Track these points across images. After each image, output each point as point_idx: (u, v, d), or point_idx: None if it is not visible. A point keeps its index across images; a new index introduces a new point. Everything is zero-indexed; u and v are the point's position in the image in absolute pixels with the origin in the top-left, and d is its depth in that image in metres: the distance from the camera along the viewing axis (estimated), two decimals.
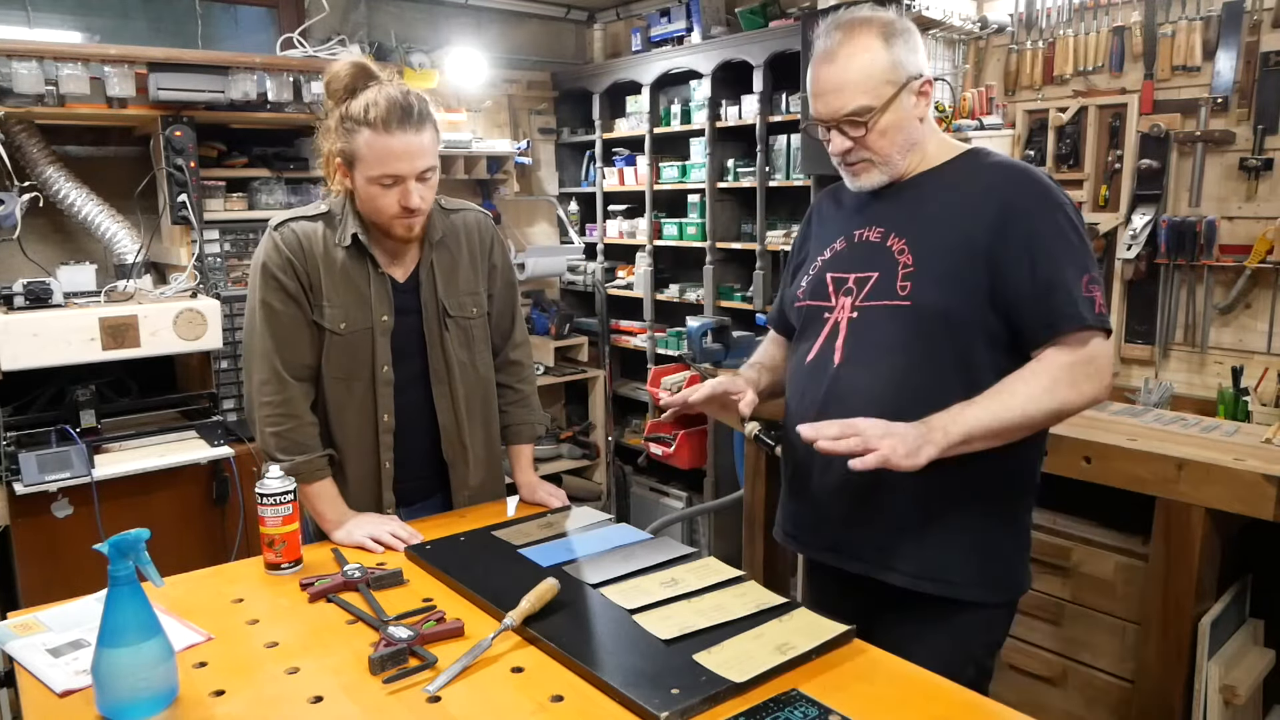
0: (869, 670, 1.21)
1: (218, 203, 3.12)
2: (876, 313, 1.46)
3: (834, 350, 1.49)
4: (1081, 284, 1.36)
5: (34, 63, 2.72)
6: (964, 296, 1.40)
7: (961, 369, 1.41)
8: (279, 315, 1.72)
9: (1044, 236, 1.38)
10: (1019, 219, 1.39)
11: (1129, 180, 2.88)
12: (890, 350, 1.44)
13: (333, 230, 1.76)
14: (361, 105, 1.63)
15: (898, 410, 1.36)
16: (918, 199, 1.49)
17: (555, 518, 1.79)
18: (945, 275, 1.41)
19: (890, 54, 1.43)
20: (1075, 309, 1.35)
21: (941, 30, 3.18)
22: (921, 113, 1.48)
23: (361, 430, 1.79)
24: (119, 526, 1.18)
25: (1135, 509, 2.09)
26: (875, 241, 1.51)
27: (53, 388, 2.77)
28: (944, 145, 1.54)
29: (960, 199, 1.45)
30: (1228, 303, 2.74)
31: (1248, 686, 2.02)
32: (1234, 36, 2.65)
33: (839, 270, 1.54)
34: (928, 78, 1.48)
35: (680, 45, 4.07)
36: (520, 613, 1.30)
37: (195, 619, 1.38)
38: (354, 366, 1.77)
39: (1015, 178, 1.44)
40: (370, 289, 1.76)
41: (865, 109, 1.43)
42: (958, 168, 1.50)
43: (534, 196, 4.71)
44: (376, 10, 4.05)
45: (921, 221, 1.47)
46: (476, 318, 1.88)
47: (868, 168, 1.50)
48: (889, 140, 1.46)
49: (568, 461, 4.52)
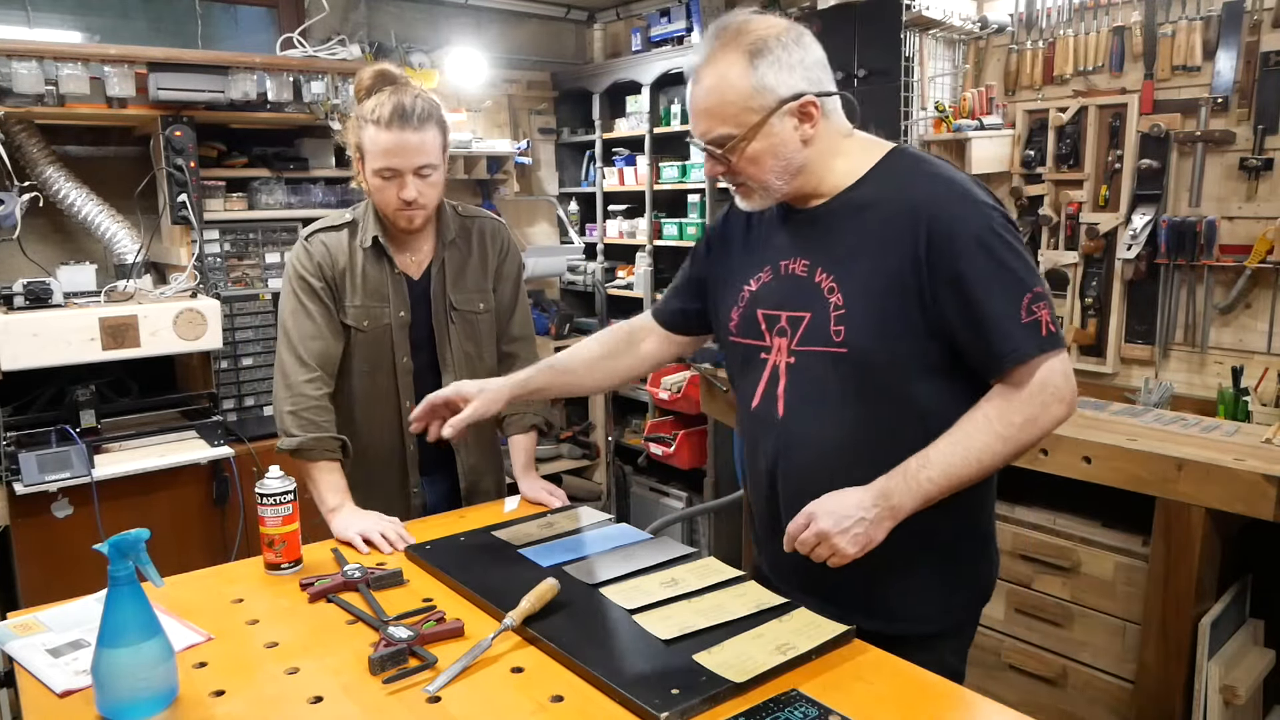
0: (869, 670, 1.21)
1: (218, 203, 3.12)
2: (814, 360, 1.38)
3: (776, 399, 1.43)
4: (1021, 310, 1.27)
5: (34, 63, 2.72)
6: (899, 336, 1.32)
7: (909, 410, 1.35)
8: (307, 311, 1.87)
9: (971, 266, 1.28)
10: (942, 246, 1.29)
11: (1129, 180, 2.89)
12: (833, 402, 1.37)
13: (354, 237, 1.92)
14: (371, 104, 1.79)
15: (848, 464, 1.34)
16: (837, 224, 1.39)
17: (555, 518, 1.79)
18: (878, 318, 1.33)
19: (754, 77, 1.30)
20: (1015, 347, 1.27)
21: (941, 30, 3.18)
22: (807, 135, 1.35)
23: (386, 417, 1.95)
24: (119, 526, 1.18)
25: (1135, 509, 2.09)
26: (802, 276, 1.41)
27: (53, 388, 2.76)
28: (858, 158, 1.41)
29: (883, 224, 1.34)
30: (1228, 303, 2.74)
31: (1248, 686, 2.03)
32: (1234, 36, 2.65)
33: (769, 307, 1.45)
34: (809, 97, 1.33)
35: (680, 45, 4.07)
36: (520, 613, 1.30)
37: (195, 619, 1.38)
38: (377, 359, 1.93)
39: (935, 193, 1.33)
40: (389, 288, 1.92)
41: (726, 137, 1.34)
42: (878, 180, 1.39)
43: (534, 196, 4.71)
44: (376, 10, 4.04)
45: (845, 255, 1.37)
46: (483, 313, 2.01)
47: (747, 192, 1.41)
48: (761, 168, 1.36)
49: (568, 461, 4.52)
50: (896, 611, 1.42)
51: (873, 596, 1.41)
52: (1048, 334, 1.29)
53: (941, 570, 1.44)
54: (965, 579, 1.48)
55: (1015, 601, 2.36)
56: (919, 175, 1.37)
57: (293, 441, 1.79)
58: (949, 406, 1.33)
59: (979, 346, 1.30)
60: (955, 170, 1.40)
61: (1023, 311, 1.28)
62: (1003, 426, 1.29)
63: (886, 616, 1.41)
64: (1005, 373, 1.30)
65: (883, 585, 1.41)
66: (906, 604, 1.43)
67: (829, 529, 1.28)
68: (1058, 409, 1.30)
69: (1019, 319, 1.27)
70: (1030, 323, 1.28)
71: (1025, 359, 1.28)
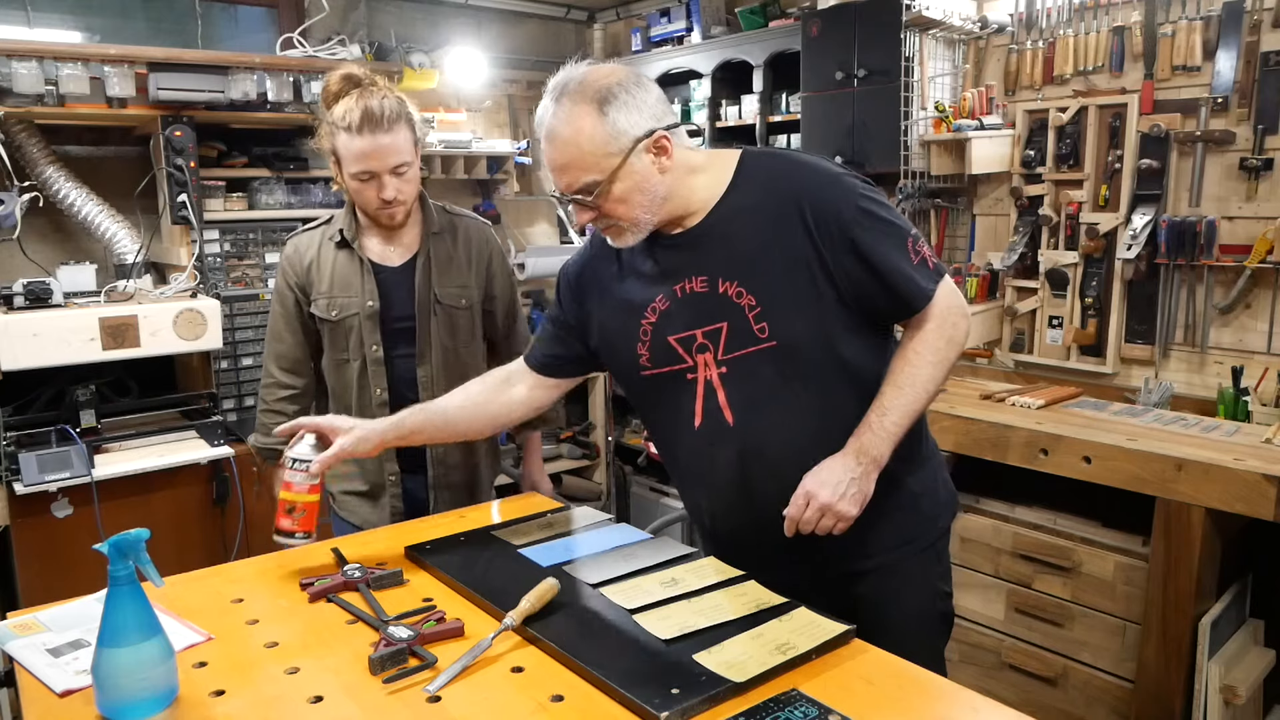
0: (869, 670, 1.21)
1: (218, 203, 3.12)
2: (745, 361, 1.44)
3: (721, 410, 1.46)
4: (909, 256, 1.42)
5: (34, 63, 2.72)
6: (816, 313, 1.42)
7: (850, 377, 1.46)
8: (278, 315, 2.05)
9: (861, 232, 1.40)
10: (829, 221, 1.40)
11: (1129, 180, 2.88)
12: (778, 393, 1.44)
13: (328, 232, 2.02)
14: (340, 111, 1.84)
15: (816, 445, 1.43)
16: (723, 234, 1.45)
17: (555, 518, 1.79)
18: (794, 302, 1.41)
19: (607, 125, 1.37)
20: (918, 287, 1.42)
21: (941, 30, 3.18)
22: (664, 166, 1.42)
23: (361, 406, 1.98)
24: (119, 526, 1.18)
25: (1135, 509, 2.09)
26: (704, 291, 1.45)
27: (53, 388, 2.77)
28: (715, 174, 1.47)
29: (763, 220, 1.43)
30: (1228, 303, 2.74)
31: (1248, 686, 2.03)
32: (1234, 36, 2.65)
33: (679, 330, 1.47)
34: (660, 132, 1.40)
35: (680, 45, 4.07)
36: (520, 613, 1.30)
37: (195, 619, 1.38)
38: (349, 348, 1.99)
39: (803, 179, 1.44)
40: (358, 278, 1.97)
41: (592, 184, 1.39)
42: (743, 186, 1.46)
43: (534, 196, 4.70)
44: (376, 10, 4.05)
45: (741, 257, 1.43)
46: (463, 308, 2.04)
47: (618, 231, 1.46)
48: (629, 205, 1.41)
49: (568, 461, 4.52)
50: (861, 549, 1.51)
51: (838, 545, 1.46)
52: (934, 266, 1.46)
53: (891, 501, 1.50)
54: (915, 503, 1.57)
55: (1015, 601, 2.36)
56: (782, 169, 1.48)
57: (256, 441, 2.08)
58: (872, 358, 1.47)
59: (889, 299, 1.43)
60: (805, 155, 1.55)
61: (910, 254, 1.43)
62: (932, 354, 1.44)
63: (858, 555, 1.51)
64: (916, 313, 1.45)
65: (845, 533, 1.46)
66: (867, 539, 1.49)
67: (829, 499, 1.38)
68: (963, 322, 1.47)
69: (911, 262, 1.42)
70: (919, 262, 1.43)
71: (929, 295, 1.44)
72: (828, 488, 1.38)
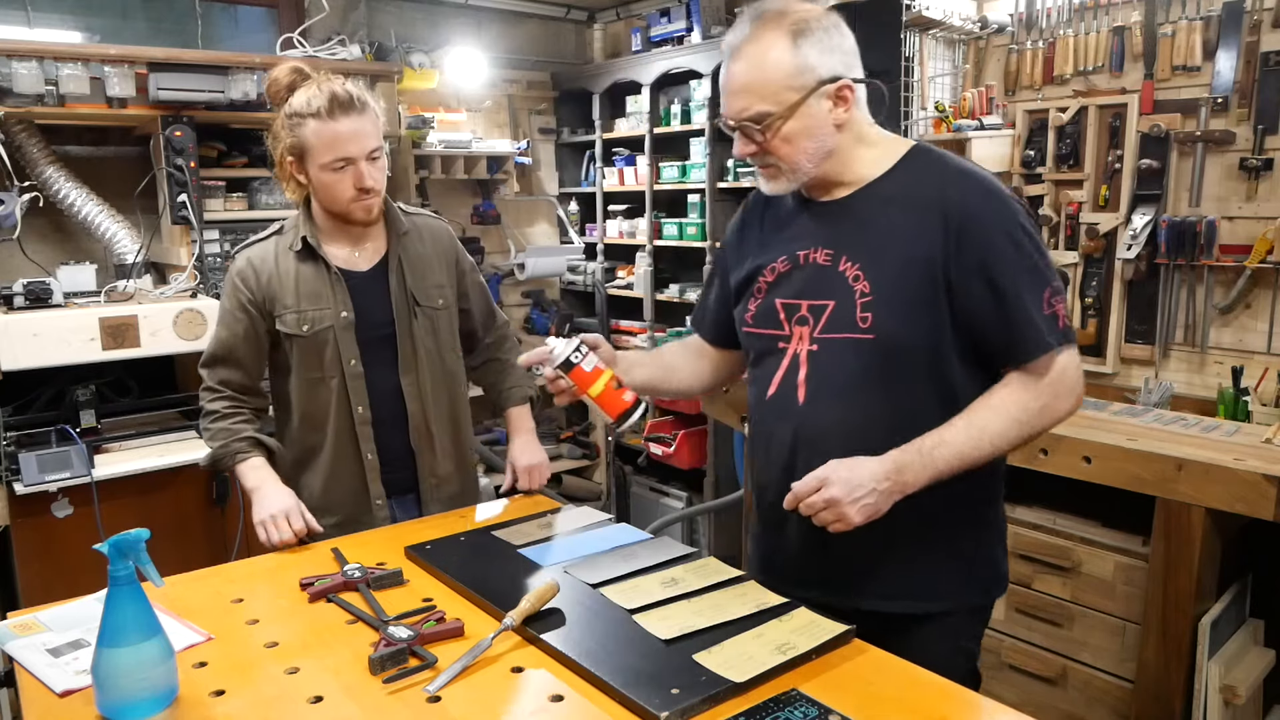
0: (869, 670, 1.21)
1: (218, 203, 3.12)
2: (837, 346, 1.39)
3: (796, 387, 1.43)
4: (1043, 303, 1.33)
5: (34, 63, 2.72)
6: (927, 323, 1.36)
7: (933, 396, 1.38)
8: (219, 334, 1.86)
9: (999, 258, 1.33)
10: (972, 237, 1.33)
11: (1129, 180, 2.89)
12: (857, 387, 1.39)
13: (285, 241, 1.86)
14: (304, 99, 1.74)
15: (871, 449, 1.34)
16: (864, 215, 1.41)
17: (555, 518, 1.79)
18: (906, 303, 1.36)
19: (797, 56, 1.32)
20: (1039, 335, 1.33)
21: (941, 30, 3.18)
22: (840, 119, 1.37)
23: (340, 426, 1.85)
24: (119, 526, 1.18)
25: (1135, 509, 2.09)
26: (825, 265, 1.42)
27: (53, 388, 2.76)
28: (884, 151, 1.43)
29: (909, 215, 1.37)
30: (1228, 303, 2.74)
31: (1248, 686, 2.02)
32: (1234, 36, 2.65)
33: (789, 296, 1.45)
34: (846, 81, 1.36)
35: (680, 45, 4.07)
36: (520, 613, 1.30)
37: (195, 619, 1.38)
38: (324, 365, 1.84)
39: (964, 188, 1.36)
40: (327, 288, 1.83)
41: (764, 114, 1.34)
42: (902, 175, 1.41)
43: (534, 196, 4.70)
44: (376, 10, 4.05)
45: (872, 243, 1.39)
46: (442, 309, 1.94)
47: (774, 173, 1.41)
48: (794, 148, 1.37)
49: (568, 461, 4.52)
50: (893, 590, 1.44)
51: (869, 577, 1.43)
52: (1064, 327, 1.34)
53: (940, 553, 1.45)
54: (967, 565, 1.48)
55: (1015, 601, 2.36)
56: (945, 172, 1.40)
57: (205, 457, 1.84)
58: (966, 391, 1.37)
59: (1002, 334, 1.34)
60: (978, 167, 1.43)
61: (1044, 304, 1.33)
62: (1019, 411, 1.33)
63: (882, 595, 1.44)
64: (1025, 361, 1.34)
65: (879, 564, 1.43)
66: (902, 582, 1.44)
67: (840, 496, 1.29)
68: (1069, 400, 1.36)
69: (1041, 310, 1.33)
70: (1050, 315, 1.33)
71: (1046, 349, 1.33)
72: (844, 485, 1.30)
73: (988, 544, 1.51)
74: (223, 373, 1.85)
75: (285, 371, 1.87)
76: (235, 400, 1.85)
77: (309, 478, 1.87)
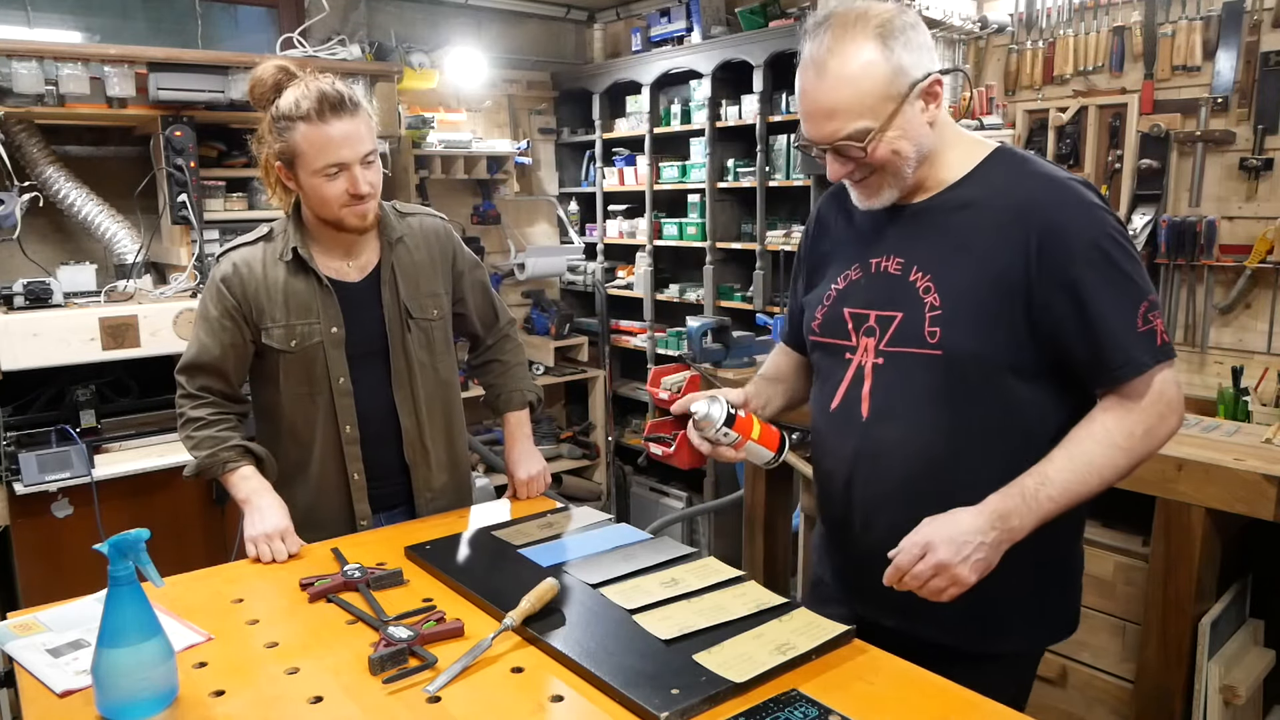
0: (869, 670, 1.21)
1: (218, 203, 3.12)
2: (904, 361, 1.32)
3: (860, 400, 1.36)
4: (1138, 319, 1.23)
5: (34, 63, 2.72)
6: (999, 339, 1.26)
7: (998, 415, 1.29)
8: (201, 340, 1.75)
9: (1085, 271, 1.22)
10: (1057, 250, 1.23)
11: (1129, 180, 2.88)
12: (923, 404, 1.31)
13: (271, 250, 1.76)
14: (291, 101, 1.63)
15: (933, 477, 1.29)
16: (940, 224, 1.32)
17: (555, 518, 1.79)
18: (978, 319, 1.27)
19: (890, 60, 1.22)
20: (1133, 355, 1.22)
21: (941, 30, 3.18)
22: (932, 117, 1.28)
23: (326, 444, 1.78)
24: (119, 526, 1.19)
25: (1135, 509, 2.09)
26: (896, 275, 1.34)
27: (53, 388, 2.76)
28: (965, 152, 1.34)
29: (988, 224, 1.28)
30: (1228, 303, 2.74)
31: (1248, 686, 2.02)
32: (1234, 36, 2.65)
33: (857, 305, 1.38)
34: (935, 75, 1.26)
35: (680, 45, 4.07)
36: (520, 613, 1.30)
37: (195, 619, 1.38)
38: (311, 381, 1.76)
39: (1048, 195, 1.26)
40: (317, 302, 1.75)
41: (864, 131, 1.24)
42: (983, 179, 1.32)
43: (534, 196, 4.71)
44: (376, 10, 4.05)
45: (946, 254, 1.30)
46: (437, 320, 1.86)
47: (874, 189, 1.32)
48: (901, 158, 1.28)
49: (568, 461, 4.52)
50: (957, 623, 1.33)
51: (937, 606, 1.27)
52: (1162, 344, 1.25)
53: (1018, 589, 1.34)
54: (1038, 603, 1.39)
55: None
56: (1028, 176, 1.30)
57: (191, 467, 1.73)
58: (1032, 412, 1.29)
59: (1091, 354, 1.25)
60: (1065, 172, 1.33)
61: (1139, 320, 1.23)
62: (1123, 438, 1.24)
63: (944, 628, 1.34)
64: (1120, 383, 1.25)
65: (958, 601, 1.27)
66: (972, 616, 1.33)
67: (949, 559, 1.19)
68: (1173, 420, 1.27)
69: (1135, 328, 1.23)
70: (1146, 332, 1.23)
71: (1142, 370, 1.23)
72: (951, 546, 1.19)
73: (1065, 582, 1.42)
74: (203, 380, 1.76)
75: (271, 382, 1.79)
76: (218, 407, 1.76)
77: (293, 493, 1.78)
